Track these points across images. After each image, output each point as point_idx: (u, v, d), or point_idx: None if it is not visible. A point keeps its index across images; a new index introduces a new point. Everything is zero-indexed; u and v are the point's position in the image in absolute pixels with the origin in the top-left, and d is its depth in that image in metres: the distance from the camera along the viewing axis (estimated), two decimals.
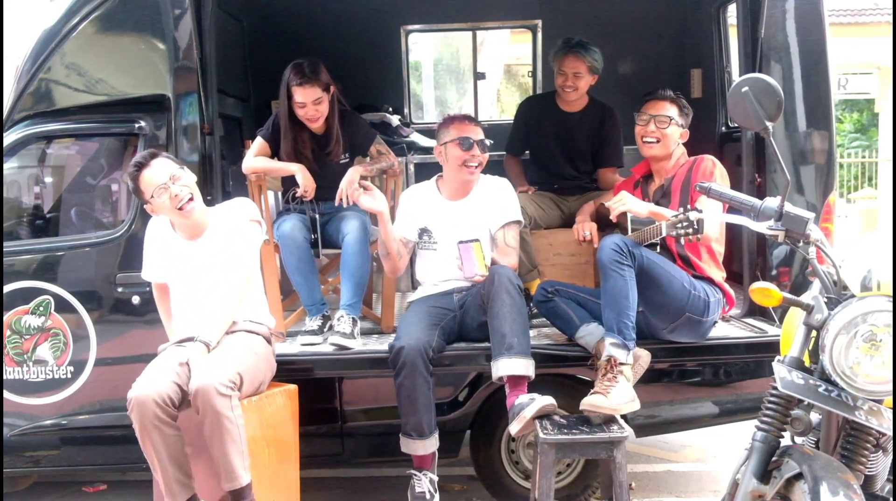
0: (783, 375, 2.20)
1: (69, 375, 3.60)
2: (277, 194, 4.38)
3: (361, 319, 3.72)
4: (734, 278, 3.93)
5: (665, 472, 4.36)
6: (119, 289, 3.57)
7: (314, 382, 3.53)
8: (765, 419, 2.26)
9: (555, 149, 4.30)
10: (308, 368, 3.50)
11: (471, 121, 3.64)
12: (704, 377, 3.72)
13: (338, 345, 3.47)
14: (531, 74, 5.95)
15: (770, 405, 2.27)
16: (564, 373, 3.59)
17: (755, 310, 3.75)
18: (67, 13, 3.60)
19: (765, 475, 2.21)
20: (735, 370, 3.70)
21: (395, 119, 5.36)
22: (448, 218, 3.62)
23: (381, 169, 3.97)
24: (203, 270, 3.18)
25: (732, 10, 4.51)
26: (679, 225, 2.96)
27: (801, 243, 2.38)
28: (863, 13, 14.04)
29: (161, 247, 3.27)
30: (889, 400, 2.17)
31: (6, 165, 3.72)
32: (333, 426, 3.64)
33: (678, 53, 5.42)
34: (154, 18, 3.53)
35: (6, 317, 3.60)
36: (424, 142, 5.25)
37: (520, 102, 4.96)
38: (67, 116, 3.68)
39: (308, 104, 3.70)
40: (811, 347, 2.27)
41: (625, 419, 3.15)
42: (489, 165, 3.72)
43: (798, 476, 2.10)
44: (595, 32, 4.68)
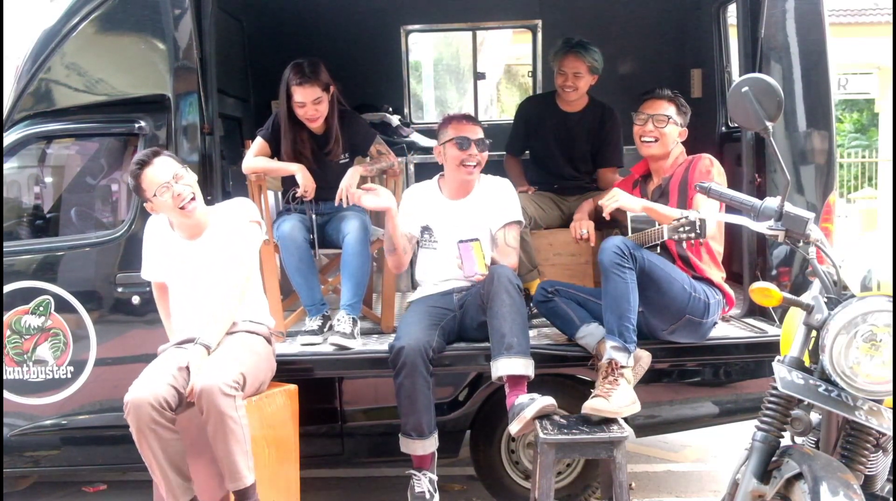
0: (783, 375, 2.20)
1: (69, 375, 3.60)
2: (277, 193, 4.38)
3: (361, 319, 3.72)
4: (734, 278, 3.93)
5: (665, 472, 4.35)
6: (119, 289, 3.57)
7: (314, 382, 3.53)
8: (765, 419, 2.27)
9: (555, 149, 4.30)
10: (308, 368, 3.50)
11: (469, 120, 3.64)
12: (704, 377, 3.72)
13: (338, 345, 3.47)
14: (531, 74, 5.96)
15: (770, 405, 2.27)
16: (564, 373, 3.59)
17: (755, 310, 3.74)
18: (67, 13, 3.60)
19: (765, 475, 2.21)
20: (735, 370, 3.70)
21: (395, 119, 5.36)
22: (449, 217, 3.63)
23: (381, 169, 3.97)
24: (203, 269, 3.18)
25: (732, 10, 4.51)
26: (681, 229, 2.96)
27: (801, 243, 2.38)
28: (863, 13, 14.03)
29: (160, 246, 3.27)
30: (889, 400, 2.17)
31: (6, 165, 3.72)
32: (333, 426, 3.64)
33: (678, 53, 5.41)
34: (154, 18, 3.53)
35: (6, 317, 3.60)
36: (424, 142, 5.24)
37: (520, 102, 4.96)
38: (67, 116, 3.68)
39: (308, 104, 3.70)
40: (811, 347, 2.27)
41: (625, 419, 3.15)
42: (489, 165, 3.72)
43: (798, 476, 2.11)
44: (595, 32, 4.67)
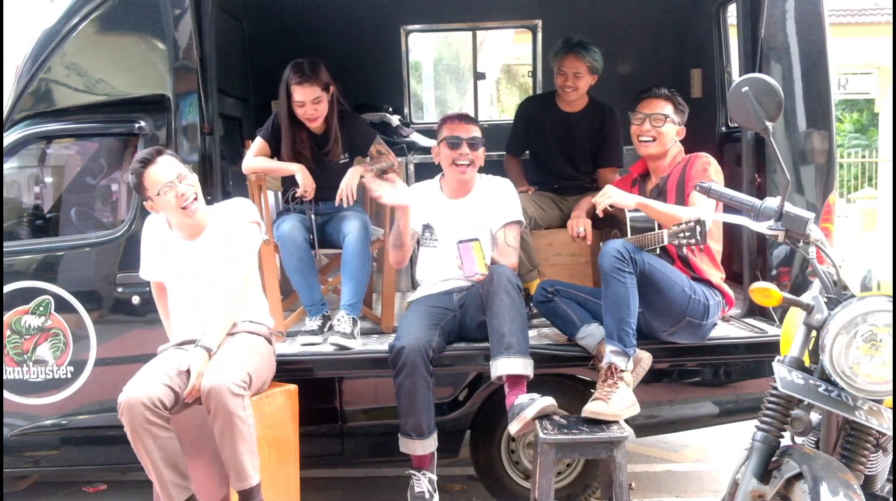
0: (783, 375, 2.20)
1: (69, 375, 3.60)
2: (277, 194, 4.38)
3: (361, 319, 3.72)
4: (734, 278, 3.93)
5: (665, 472, 4.35)
6: (119, 289, 3.57)
7: (314, 382, 3.53)
8: (765, 419, 2.26)
9: (555, 149, 4.30)
10: (308, 368, 3.50)
11: (463, 119, 3.64)
12: (704, 377, 3.72)
13: (338, 345, 3.47)
14: (531, 74, 5.95)
15: (770, 405, 2.27)
16: (564, 373, 3.59)
17: (755, 310, 3.74)
18: (67, 13, 3.60)
19: (765, 475, 2.21)
20: (735, 370, 3.70)
21: (395, 119, 5.36)
22: (449, 217, 3.63)
23: (381, 169, 3.96)
24: (202, 269, 3.18)
25: (732, 10, 4.51)
26: (681, 234, 2.96)
27: (801, 243, 2.38)
28: (863, 13, 14.03)
29: (158, 246, 3.26)
30: (889, 400, 2.17)
31: (6, 165, 3.72)
32: (333, 426, 3.64)
33: (678, 53, 5.41)
34: (154, 18, 3.53)
35: (6, 317, 3.60)
36: (424, 142, 5.24)
37: (520, 102, 4.96)
38: (67, 116, 3.68)
39: (307, 103, 3.70)
40: (811, 347, 2.27)
41: (625, 419, 3.15)
42: (489, 165, 3.71)
43: (798, 476, 2.10)
44: (595, 32, 4.67)
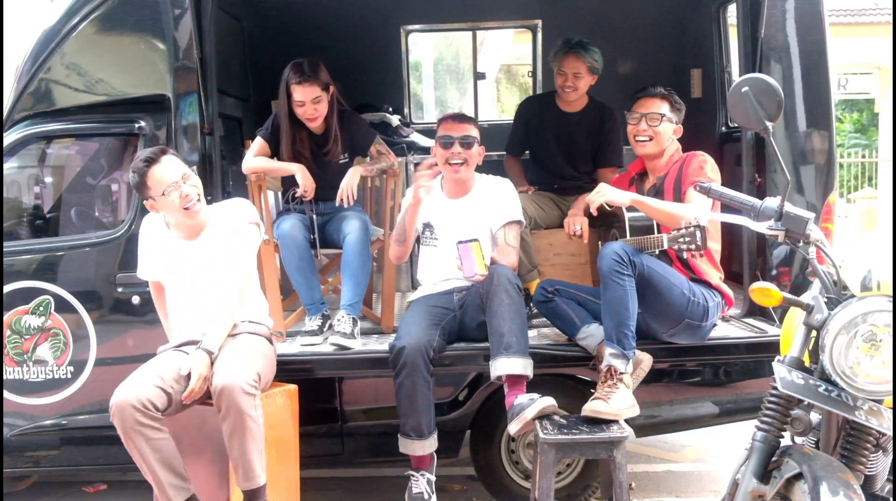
0: (783, 375, 2.20)
1: (69, 375, 3.60)
2: (277, 194, 4.38)
3: (361, 319, 3.72)
4: (734, 278, 3.93)
5: (665, 472, 4.35)
6: (119, 289, 3.57)
7: (314, 382, 3.53)
8: (765, 419, 2.26)
9: (555, 149, 4.30)
10: (308, 368, 3.50)
11: (457, 119, 3.63)
12: (704, 377, 3.72)
13: (338, 345, 3.47)
14: (531, 74, 5.95)
15: (770, 405, 2.27)
16: (565, 373, 3.59)
17: (755, 310, 3.74)
18: (67, 13, 3.60)
19: (765, 475, 2.21)
20: (735, 370, 3.70)
21: (395, 119, 5.36)
22: (449, 216, 3.63)
23: (382, 169, 3.97)
24: (202, 269, 3.17)
25: (732, 10, 4.50)
26: (681, 239, 2.95)
27: (801, 243, 2.38)
28: (863, 13, 14.02)
29: (157, 246, 3.25)
30: (889, 400, 2.17)
31: (6, 165, 3.72)
32: (333, 427, 3.64)
33: (678, 53, 5.41)
34: (154, 18, 3.53)
35: (6, 317, 3.59)
36: (424, 142, 5.24)
37: (520, 102, 4.96)
38: (67, 116, 3.68)
39: (307, 103, 3.70)
40: (811, 347, 2.27)
41: (625, 419, 3.15)
42: (489, 165, 3.71)
43: (798, 476, 2.10)
44: (595, 32, 4.67)
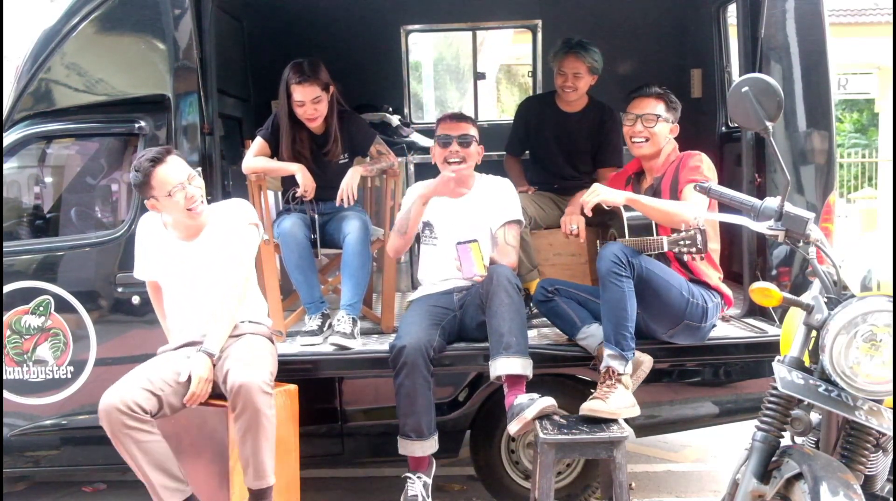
0: (783, 375, 2.20)
1: (69, 375, 3.60)
2: (277, 194, 4.38)
3: (361, 319, 3.72)
4: (734, 279, 3.93)
5: (665, 472, 4.35)
6: (119, 289, 3.57)
7: (314, 382, 3.53)
8: (765, 419, 2.26)
9: (554, 149, 4.30)
10: (308, 368, 3.49)
11: (454, 118, 3.64)
12: (704, 377, 3.72)
13: (338, 345, 3.47)
14: (531, 74, 5.95)
15: (770, 405, 2.27)
16: (564, 373, 3.59)
17: (755, 310, 3.74)
18: (67, 13, 3.60)
19: (765, 475, 2.21)
20: (735, 370, 3.70)
21: (395, 119, 5.36)
22: (449, 215, 3.64)
23: (382, 169, 3.97)
24: (201, 269, 3.17)
25: (732, 10, 4.51)
26: (681, 242, 2.95)
27: (801, 243, 2.38)
28: (863, 13, 14.02)
29: (155, 246, 3.24)
30: (889, 400, 2.17)
31: (6, 165, 3.72)
32: (333, 427, 3.64)
33: (678, 53, 5.41)
34: (154, 18, 3.53)
35: (6, 317, 3.59)
36: (424, 142, 5.24)
37: (520, 102, 4.96)
38: (67, 116, 3.67)
39: (307, 103, 3.71)
40: (811, 347, 2.27)
41: (625, 419, 3.15)
42: (489, 165, 3.71)
43: (798, 476, 2.10)
44: (595, 32, 4.67)
